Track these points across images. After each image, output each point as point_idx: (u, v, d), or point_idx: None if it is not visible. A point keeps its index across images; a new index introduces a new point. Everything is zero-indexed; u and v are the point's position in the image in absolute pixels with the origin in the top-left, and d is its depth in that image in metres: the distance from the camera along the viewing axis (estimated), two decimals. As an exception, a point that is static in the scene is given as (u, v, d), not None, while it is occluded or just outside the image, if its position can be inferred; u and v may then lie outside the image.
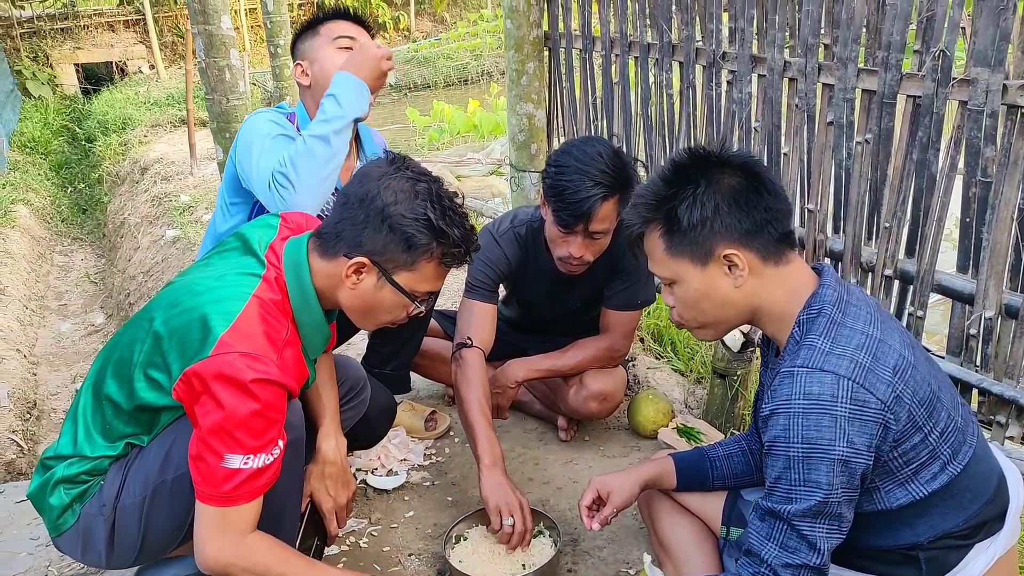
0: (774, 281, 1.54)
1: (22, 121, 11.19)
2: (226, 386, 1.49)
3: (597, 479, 1.94)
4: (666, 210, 1.54)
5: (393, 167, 1.72)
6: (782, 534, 1.47)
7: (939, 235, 2.25)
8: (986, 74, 2.01)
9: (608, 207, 2.27)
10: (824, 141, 2.51)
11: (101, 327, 5.94)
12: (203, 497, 1.54)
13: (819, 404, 1.39)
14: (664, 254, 1.57)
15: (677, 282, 1.58)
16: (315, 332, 1.76)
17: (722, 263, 1.52)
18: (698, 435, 2.70)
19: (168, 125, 9.86)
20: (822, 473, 1.40)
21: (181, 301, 1.63)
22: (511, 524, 2.08)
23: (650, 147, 3.22)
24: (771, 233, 1.51)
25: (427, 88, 15.08)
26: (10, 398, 4.22)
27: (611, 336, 2.65)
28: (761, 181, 1.53)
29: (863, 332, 1.46)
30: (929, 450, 1.46)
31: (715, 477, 1.90)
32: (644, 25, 3.09)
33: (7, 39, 13.08)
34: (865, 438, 1.40)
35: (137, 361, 1.63)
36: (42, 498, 1.73)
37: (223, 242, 1.85)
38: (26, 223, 7.30)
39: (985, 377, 2.19)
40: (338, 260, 1.69)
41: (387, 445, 2.68)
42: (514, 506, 2.10)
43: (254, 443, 1.52)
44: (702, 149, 1.60)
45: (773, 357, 1.71)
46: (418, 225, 1.66)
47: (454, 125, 10.05)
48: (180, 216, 6.29)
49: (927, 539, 1.50)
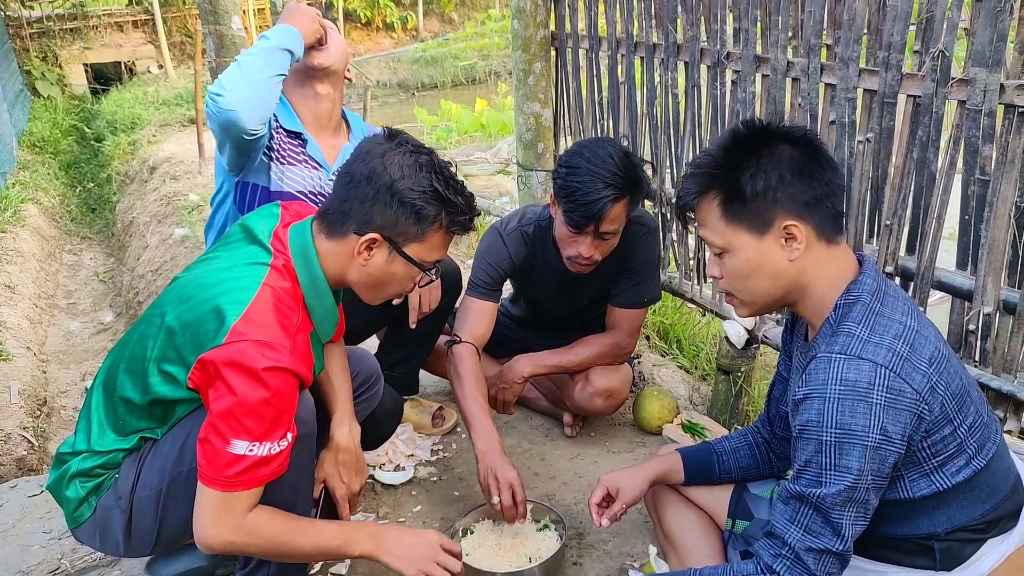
0: (824, 260, 1.53)
1: (32, 121, 11.24)
2: (238, 373, 1.52)
3: (606, 476, 1.95)
4: (727, 178, 1.52)
5: (394, 143, 1.74)
6: (807, 518, 1.47)
7: (939, 232, 2.27)
8: (984, 74, 2.03)
9: (618, 208, 2.30)
10: (826, 140, 2.53)
11: (110, 325, 5.98)
12: (206, 480, 1.56)
13: (855, 391, 1.40)
14: (720, 222, 1.54)
15: (730, 251, 1.55)
16: (326, 315, 1.79)
17: (780, 234, 1.50)
18: (702, 431, 2.72)
19: (177, 124, 9.90)
20: (854, 459, 1.40)
21: (192, 295, 1.65)
22: (497, 502, 2.11)
23: (655, 146, 3.25)
24: (829, 209, 1.51)
25: (435, 88, 15.11)
26: (21, 395, 4.27)
27: (617, 333, 2.67)
28: (822, 153, 1.53)
29: (900, 322, 1.46)
30: (957, 443, 1.47)
31: (722, 471, 1.92)
32: (650, 25, 3.11)
33: (17, 39, 13.14)
34: (899, 427, 1.40)
35: (151, 356, 1.66)
36: (60, 491, 1.77)
37: (227, 234, 1.88)
38: (36, 222, 7.35)
39: (984, 372, 2.21)
40: (347, 238, 1.72)
41: (395, 441, 2.72)
42: (503, 483, 2.11)
43: (260, 430, 1.54)
44: (760, 120, 1.59)
45: (802, 341, 1.71)
46: (426, 196, 1.70)
47: (462, 124, 10.08)
48: (189, 215, 6.33)
49: (944, 530, 1.52)
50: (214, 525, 1.58)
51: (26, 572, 2.27)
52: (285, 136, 2.41)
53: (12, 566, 2.29)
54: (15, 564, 2.30)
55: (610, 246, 2.42)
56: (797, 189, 1.49)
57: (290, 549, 1.66)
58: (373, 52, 16.06)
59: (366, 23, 16.83)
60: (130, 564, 2.23)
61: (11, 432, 3.84)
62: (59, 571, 2.27)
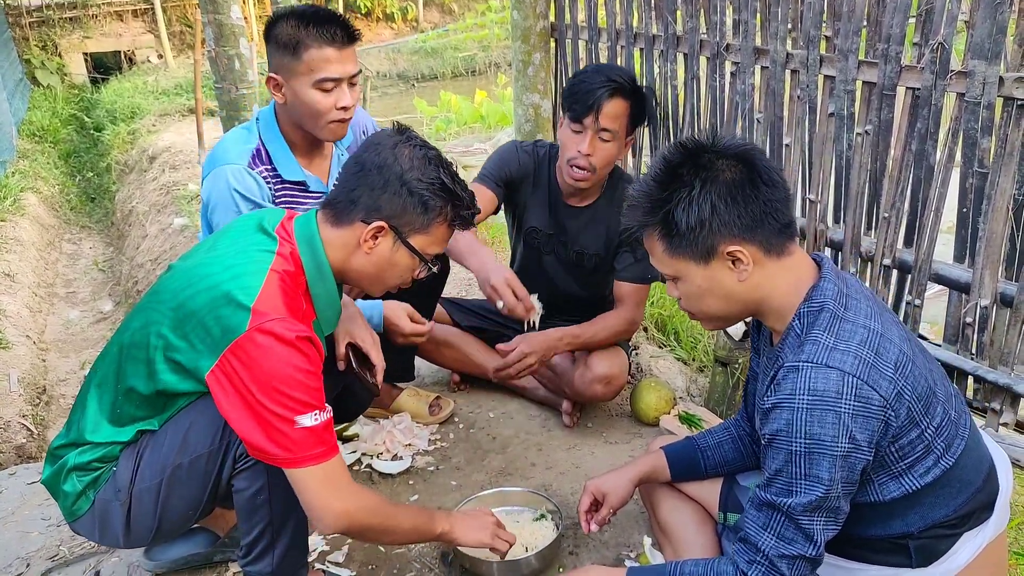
0: (777, 273, 1.52)
1: (31, 110, 11.21)
2: (276, 344, 1.54)
3: (592, 483, 1.97)
4: (663, 214, 1.50)
5: (403, 136, 1.78)
6: (780, 525, 1.48)
7: (937, 225, 2.28)
8: (983, 66, 2.04)
9: (617, 105, 2.43)
10: (825, 132, 2.54)
11: (109, 314, 5.98)
12: (298, 462, 1.59)
13: (823, 400, 1.39)
14: (664, 254, 1.55)
15: (680, 279, 1.57)
16: (329, 305, 1.80)
17: (725, 259, 1.50)
18: (699, 422, 2.73)
19: (176, 114, 9.87)
20: (824, 469, 1.41)
21: (196, 281, 1.65)
22: (503, 306, 2.29)
23: (654, 138, 3.25)
24: (772, 225, 1.49)
25: (435, 79, 15.05)
26: (20, 383, 4.27)
27: (628, 308, 2.75)
28: (757, 171, 1.49)
29: (864, 326, 1.46)
30: (924, 445, 1.47)
31: (708, 467, 1.93)
32: (649, 17, 3.11)
33: (16, 28, 13.08)
34: (867, 434, 1.41)
35: (156, 344, 1.65)
36: (56, 485, 1.77)
37: (228, 225, 1.87)
38: (35, 211, 7.34)
39: (980, 365, 2.22)
40: (354, 226, 1.74)
41: (392, 430, 2.72)
42: (500, 287, 2.30)
43: (312, 399, 1.58)
44: (692, 142, 1.54)
45: (767, 345, 1.72)
46: (434, 188, 1.74)
47: (461, 115, 10.05)
48: (188, 204, 6.33)
49: (917, 529, 1.53)
50: (335, 498, 1.62)
51: (25, 558, 2.28)
52: (289, 187, 2.34)
53: (11, 552, 2.30)
54: (14, 550, 2.31)
55: (607, 154, 2.52)
56: (733, 214, 1.47)
57: (393, 524, 1.75)
58: (373, 43, 16.01)
59: (366, 13, 16.78)
60: (129, 551, 2.23)
61: (10, 420, 3.84)
62: (58, 557, 2.27)
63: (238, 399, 1.56)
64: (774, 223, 1.49)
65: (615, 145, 2.51)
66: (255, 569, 1.81)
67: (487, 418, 2.91)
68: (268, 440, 1.57)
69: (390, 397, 2.87)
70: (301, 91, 2.20)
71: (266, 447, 1.57)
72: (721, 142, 1.53)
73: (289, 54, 2.19)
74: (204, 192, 2.27)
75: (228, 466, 1.71)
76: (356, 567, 2.19)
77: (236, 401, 1.56)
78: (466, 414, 2.93)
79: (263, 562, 1.80)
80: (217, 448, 1.69)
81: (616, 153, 2.55)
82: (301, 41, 2.16)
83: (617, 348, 2.79)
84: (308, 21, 2.17)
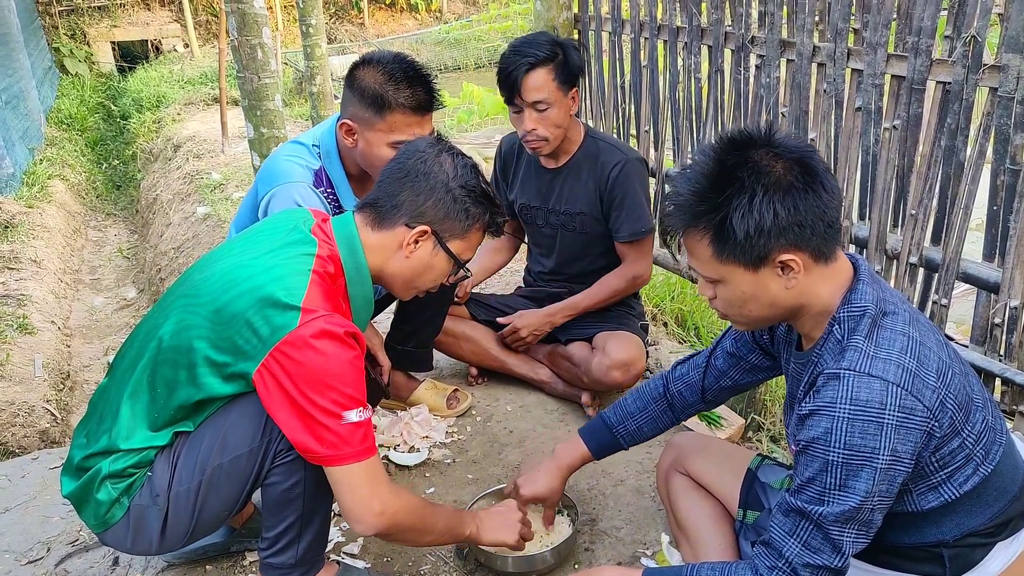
0: (821, 279, 1.47)
1: (59, 98, 11.34)
2: (328, 340, 1.57)
3: (526, 489, 2.05)
4: (718, 219, 1.40)
5: (444, 145, 1.85)
6: (807, 533, 1.44)
7: (966, 223, 2.23)
8: (1017, 60, 1.99)
9: (537, 77, 2.53)
10: (852, 127, 2.49)
11: (133, 301, 6.05)
12: (344, 458, 1.61)
13: (867, 411, 1.35)
14: (712, 259, 1.46)
15: (723, 282, 1.49)
16: (364, 307, 1.83)
17: (776, 266, 1.43)
18: (718, 419, 2.71)
19: (201, 103, 9.96)
20: (862, 480, 1.37)
21: (236, 284, 1.65)
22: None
23: (677, 131, 3.21)
24: (825, 232, 1.42)
25: (457, 70, 15.02)
26: (45, 368, 4.32)
27: (626, 264, 2.84)
28: (818, 177, 1.40)
29: (903, 333, 1.42)
30: (965, 454, 1.44)
31: (628, 444, 2.01)
32: (673, 8, 3.07)
33: (46, 16, 13.24)
34: (909, 446, 1.37)
35: (198, 348, 1.65)
36: (87, 495, 1.74)
37: (258, 226, 1.87)
38: (62, 198, 7.42)
39: (1009, 366, 2.17)
40: (396, 229, 1.78)
41: (409, 422, 2.72)
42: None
43: (358, 394, 1.61)
44: (748, 137, 1.44)
45: (792, 348, 1.67)
46: (475, 195, 1.81)
47: (483, 107, 10.00)
48: (211, 193, 6.38)
49: (952, 537, 1.49)
50: (376, 495, 1.65)
51: (46, 543, 2.30)
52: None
53: (32, 536, 2.33)
54: (35, 534, 2.34)
55: (552, 120, 2.60)
56: (793, 223, 1.39)
57: (430, 523, 1.79)
58: (396, 33, 16.01)
59: (390, 4, 16.78)
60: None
61: (35, 405, 3.89)
62: (78, 542, 2.30)
63: (284, 397, 1.58)
64: (828, 230, 1.43)
65: (555, 110, 2.59)
66: (278, 561, 1.81)
67: (504, 411, 2.90)
68: (313, 437, 1.59)
69: (408, 389, 2.87)
70: (376, 145, 2.22)
71: (310, 444, 1.59)
72: (777, 139, 1.44)
73: (372, 110, 2.19)
74: (266, 206, 2.27)
75: (268, 464, 1.71)
76: (371, 559, 2.19)
77: (282, 398, 1.58)
78: (483, 407, 2.92)
79: (286, 554, 1.81)
80: (258, 447, 1.70)
81: (561, 115, 2.62)
82: (388, 103, 2.16)
83: (634, 335, 2.80)
84: (397, 82, 2.17)
